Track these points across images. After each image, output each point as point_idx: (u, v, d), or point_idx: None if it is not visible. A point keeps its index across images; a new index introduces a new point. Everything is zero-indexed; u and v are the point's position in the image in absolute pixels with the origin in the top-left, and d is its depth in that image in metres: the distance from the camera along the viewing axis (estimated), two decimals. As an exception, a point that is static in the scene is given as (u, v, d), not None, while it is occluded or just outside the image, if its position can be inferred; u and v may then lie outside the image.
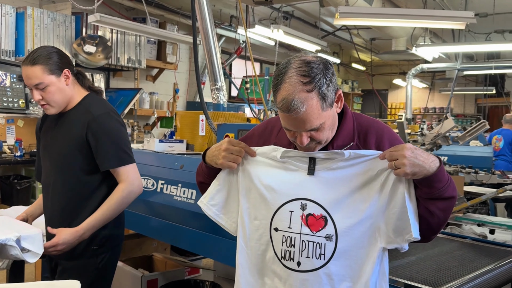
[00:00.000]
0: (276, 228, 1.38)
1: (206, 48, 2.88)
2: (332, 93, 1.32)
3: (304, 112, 1.27)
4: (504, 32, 8.50)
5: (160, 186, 2.49)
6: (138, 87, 5.69)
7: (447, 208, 1.32)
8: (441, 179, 1.28)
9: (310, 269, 1.34)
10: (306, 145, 1.34)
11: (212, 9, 6.57)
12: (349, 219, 1.33)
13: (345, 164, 1.36)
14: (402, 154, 1.25)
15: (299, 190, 1.38)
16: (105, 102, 2.08)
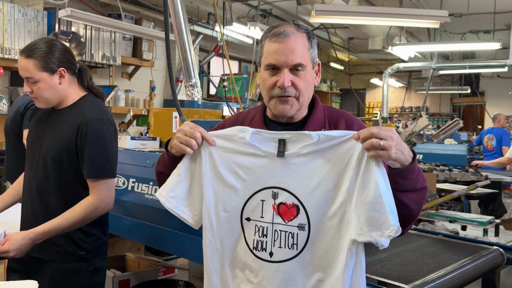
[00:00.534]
0: (248, 218, 1.34)
1: (179, 45, 2.84)
2: (316, 55, 1.40)
3: (294, 39, 1.33)
4: (479, 32, 8.65)
5: (131, 184, 2.43)
6: (113, 85, 5.60)
7: (420, 199, 1.31)
8: (414, 170, 1.26)
9: (282, 260, 1.30)
10: (286, 91, 1.32)
11: (189, 6, 6.56)
12: (321, 207, 1.28)
13: (316, 149, 1.29)
14: (390, 136, 1.19)
15: (269, 178, 1.33)
16: (102, 106, 2.00)
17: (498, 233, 2.64)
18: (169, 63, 2.60)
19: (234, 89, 3.95)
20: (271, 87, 1.35)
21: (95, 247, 1.97)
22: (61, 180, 1.90)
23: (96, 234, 1.96)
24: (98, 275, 2.00)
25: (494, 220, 2.71)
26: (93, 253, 1.96)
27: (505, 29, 7.87)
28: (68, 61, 1.93)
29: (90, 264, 1.95)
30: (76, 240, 1.92)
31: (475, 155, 7.17)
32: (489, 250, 2.18)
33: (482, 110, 11.58)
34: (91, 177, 1.86)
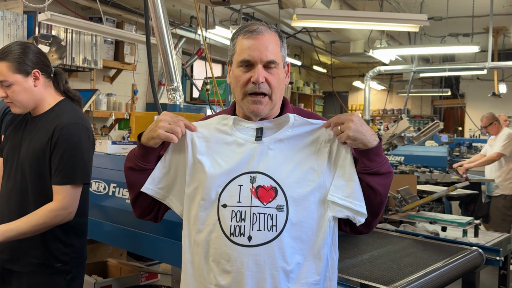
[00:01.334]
0: (225, 205, 1.33)
1: (161, 48, 2.82)
2: (286, 56, 1.44)
3: (267, 36, 1.36)
4: (458, 35, 8.81)
5: (112, 189, 2.41)
6: (94, 88, 5.54)
7: (386, 183, 1.36)
8: (380, 154, 1.35)
9: (262, 243, 1.29)
10: (259, 88, 1.34)
11: (171, 10, 6.53)
12: (299, 188, 1.32)
13: (292, 134, 1.37)
14: (349, 118, 1.31)
15: (247, 164, 1.35)
16: (78, 112, 1.96)
17: (477, 234, 2.68)
18: (150, 67, 2.59)
19: (217, 92, 3.94)
20: (245, 83, 1.36)
21: (73, 259, 1.94)
22: (39, 187, 1.87)
23: (75, 245, 1.94)
24: (75, 283, 1.98)
25: (473, 221, 2.75)
26: (70, 265, 1.93)
27: (484, 32, 8.02)
28: (42, 63, 1.90)
29: (67, 274, 1.93)
30: (53, 252, 1.89)
31: (456, 157, 7.27)
32: (469, 251, 2.21)
33: (463, 112, 11.77)
34: (57, 183, 1.82)
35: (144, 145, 1.39)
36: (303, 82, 11.65)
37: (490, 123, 5.33)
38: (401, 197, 2.84)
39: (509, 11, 7.18)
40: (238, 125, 1.40)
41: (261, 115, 1.39)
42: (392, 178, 1.39)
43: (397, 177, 3.41)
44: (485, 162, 5.22)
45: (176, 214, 2.09)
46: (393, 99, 12.97)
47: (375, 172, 1.34)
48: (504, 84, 9.82)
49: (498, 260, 2.26)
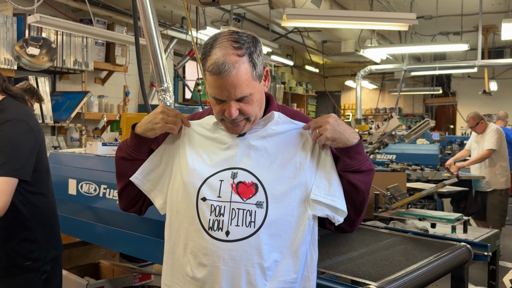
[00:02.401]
0: (204, 198, 1.33)
1: (150, 49, 2.83)
2: (261, 66, 1.36)
3: (235, 74, 1.27)
4: (449, 33, 8.87)
5: (103, 191, 2.41)
6: (85, 90, 5.53)
7: (367, 180, 1.38)
8: (360, 152, 1.36)
9: (239, 238, 1.29)
10: (234, 119, 1.32)
11: (162, 11, 6.53)
12: (280, 186, 1.33)
13: (275, 131, 1.39)
14: (326, 120, 1.33)
15: (229, 160, 1.36)
16: (20, 107, 1.95)
17: (466, 230, 2.71)
18: (140, 68, 2.60)
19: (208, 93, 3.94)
20: (220, 113, 1.35)
21: (43, 255, 1.95)
22: None
23: (40, 240, 1.95)
24: (52, 282, 2.01)
25: (462, 217, 2.77)
26: (40, 261, 1.94)
27: (473, 31, 8.09)
28: None
29: (42, 272, 1.95)
30: (20, 251, 1.90)
31: (447, 155, 7.32)
32: (457, 246, 2.24)
33: (454, 110, 11.86)
34: None
35: (139, 135, 1.41)
36: (295, 82, 11.68)
37: (477, 123, 5.37)
38: (391, 194, 2.86)
39: (498, 9, 7.25)
40: (221, 126, 1.41)
41: (241, 134, 1.39)
42: (373, 176, 1.41)
43: (388, 175, 3.44)
44: (478, 160, 5.26)
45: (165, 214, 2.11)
46: (385, 98, 13.04)
47: (356, 170, 1.36)
48: (495, 82, 9.92)
49: (486, 255, 2.28)
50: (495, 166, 5.22)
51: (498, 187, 5.21)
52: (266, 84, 1.43)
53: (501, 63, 8.54)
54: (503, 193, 5.23)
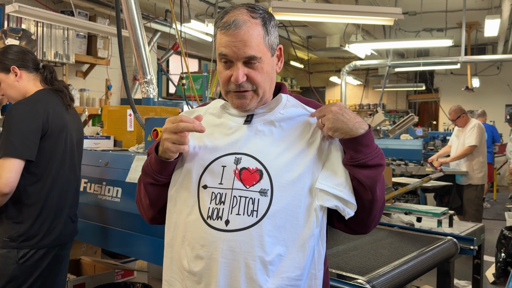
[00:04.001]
0: (205, 186, 1.24)
1: (133, 41, 2.77)
2: (275, 39, 1.28)
3: (246, 30, 1.21)
4: (432, 30, 8.93)
5: (84, 185, 2.35)
6: (66, 84, 5.42)
7: (374, 176, 1.22)
8: (367, 145, 1.21)
9: (239, 228, 1.18)
10: (241, 86, 1.23)
11: (146, 3, 6.43)
12: (286, 173, 1.21)
13: (284, 116, 1.29)
14: (329, 109, 1.21)
15: (233, 145, 1.26)
16: (38, 96, 2.08)
17: (451, 224, 2.71)
18: (122, 59, 2.53)
19: (192, 87, 3.89)
20: (226, 81, 1.26)
21: (20, 236, 1.99)
22: None
23: (23, 222, 2.00)
24: (28, 266, 2.00)
25: (447, 211, 2.78)
26: (18, 242, 1.99)
27: (457, 27, 8.15)
28: (21, 60, 2.11)
29: (18, 252, 1.98)
30: (4, 225, 2.01)
31: (430, 151, 7.38)
32: (443, 240, 2.23)
33: (437, 106, 11.97)
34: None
35: (161, 159, 1.27)
36: (280, 78, 11.65)
37: (458, 116, 5.41)
38: (377, 189, 2.85)
39: (481, 6, 7.31)
40: (227, 110, 1.33)
41: (247, 109, 1.28)
42: (381, 171, 1.25)
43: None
44: (460, 156, 5.29)
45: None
46: (369, 94, 13.10)
47: (361, 164, 1.21)
48: (477, 78, 10.03)
49: (472, 249, 2.29)
50: (473, 161, 5.26)
51: (474, 182, 5.26)
52: (279, 64, 1.34)
53: (485, 59, 8.63)
54: (478, 189, 5.29)
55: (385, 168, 1.32)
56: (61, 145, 2.09)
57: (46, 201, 2.05)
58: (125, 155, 2.27)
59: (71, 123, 2.17)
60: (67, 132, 2.12)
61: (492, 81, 10.81)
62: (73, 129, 2.18)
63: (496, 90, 10.84)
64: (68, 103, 2.18)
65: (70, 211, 2.16)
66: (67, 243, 2.18)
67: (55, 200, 2.08)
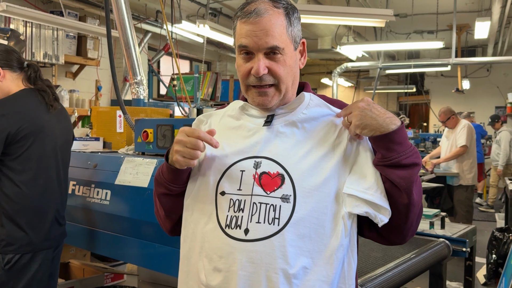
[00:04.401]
0: (223, 192, 1.15)
1: (123, 41, 2.73)
2: (298, 32, 1.20)
3: (268, 18, 1.13)
4: (423, 32, 8.97)
5: (72, 187, 2.30)
6: (56, 84, 5.36)
7: (409, 176, 1.09)
8: (401, 142, 1.10)
9: (260, 238, 1.08)
10: (262, 80, 1.14)
11: (136, 4, 6.38)
12: (310, 177, 1.11)
13: (307, 116, 1.19)
14: (356, 105, 1.12)
15: (253, 147, 1.17)
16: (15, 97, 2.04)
17: (444, 226, 2.70)
18: (111, 59, 2.49)
19: (183, 89, 3.85)
20: (246, 75, 1.17)
21: (2, 241, 1.96)
22: None
23: (7, 227, 1.97)
24: (15, 271, 1.96)
25: (440, 213, 2.77)
26: (2, 247, 1.95)
27: (447, 29, 8.19)
28: (4, 59, 2.07)
29: (3, 258, 1.95)
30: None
31: (421, 152, 7.41)
32: (436, 243, 2.23)
33: (427, 108, 12.02)
34: None
35: (173, 168, 1.18)
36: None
37: (448, 117, 5.43)
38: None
39: (471, 8, 7.36)
40: (247, 111, 1.25)
41: (269, 106, 1.19)
42: (418, 170, 1.13)
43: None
44: (452, 157, 5.31)
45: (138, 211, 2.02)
46: (360, 95, 13.13)
47: (394, 164, 1.09)
48: (467, 80, 10.09)
49: (464, 251, 2.28)
50: (463, 162, 5.28)
51: (465, 183, 5.28)
52: (302, 60, 1.24)
53: (475, 61, 8.71)
54: (468, 190, 5.31)
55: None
56: (39, 146, 2.02)
57: (26, 205, 1.99)
58: (114, 157, 2.24)
59: (52, 124, 2.10)
60: (46, 134, 2.05)
61: (482, 83, 10.89)
62: (55, 130, 2.12)
63: (486, 92, 10.91)
64: (51, 103, 2.11)
65: (56, 214, 2.10)
66: (55, 247, 2.13)
67: (37, 203, 2.02)
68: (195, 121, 1.32)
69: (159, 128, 2.22)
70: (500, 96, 10.71)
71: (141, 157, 2.11)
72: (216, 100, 4.34)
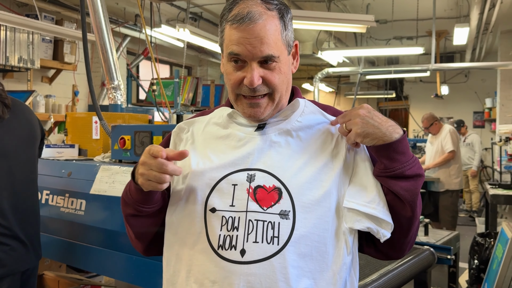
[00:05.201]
0: (213, 209, 1.04)
1: (99, 44, 2.64)
2: (292, 34, 1.11)
3: (262, 24, 1.03)
4: (402, 38, 9.04)
5: (45, 197, 2.21)
6: (31, 89, 5.21)
7: (413, 188, 1.03)
8: (404, 152, 1.03)
9: (258, 259, 0.98)
10: (255, 91, 1.05)
11: (115, 7, 6.27)
12: (309, 191, 1.03)
13: (302, 124, 1.11)
14: (356, 112, 1.04)
15: (245, 159, 1.07)
16: None
17: (427, 232, 2.68)
18: (87, 63, 2.41)
19: (163, 94, 3.77)
20: (237, 84, 1.07)
21: None
22: None
23: None
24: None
25: (423, 219, 2.75)
26: None
27: (426, 36, 8.28)
28: None
29: None
30: None
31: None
32: (421, 251, 2.19)
33: (407, 113, 12.13)
34: None
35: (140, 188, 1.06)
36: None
37: (431, 123, 5.46)
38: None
39: (450, 15, 7.44)
40: (235, 119, 1.15)
41: (261, 118, 1.10)
42: (422, 182, 1.07)
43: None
44: (441, 162, 5.33)
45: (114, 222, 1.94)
46: (341, 101, 13.19)
47: (398, 174, 1.02)
48: (446, 86, 10.21)
49: (449, 258, 2.25)
50: (450, 167, 5.31)
51: (451, 188, 5.31)
52: (295, 64, 1.15)
53: (454, 67, 8.81)
54: (454, 195, 5.34)
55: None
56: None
57: None
58: (89, 164, 2.15)
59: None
60: None
61: (460, 89, 11.03)
62: (5, 139, 1.88)
63: (464, 97, 11.06)
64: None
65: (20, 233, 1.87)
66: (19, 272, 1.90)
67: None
68: (175, 129, 1.22)
69: (137, 134, 2.15)
70: (478, 102, 10.86)
71: (118, 165, 2.03)
72: (197, 105, 4.27)
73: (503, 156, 5.72)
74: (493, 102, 9.58)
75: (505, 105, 8.15)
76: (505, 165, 5.58)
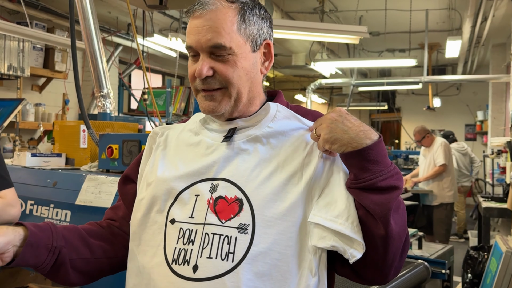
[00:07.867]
0: (173, 220, 0.99)
1: (89, 52, 2.60)
2: (258, 31, 1.03)
3: (213, 12, 0.97)
4: (395, 50, 9.09)
5: (30, 207, 2.13)
6: (20, 98, 5.14)
7: (387, 202, 0.90)
8: (378, 161, 0.91)
9: (210, 276, 0.91)
10: (206, 82, 0.99)
11: (107, 16, 6.24)
12: (273, 203, 0.94)
13: (273, 130, 1.02)
14: (325, 117, 0.96)
15: (210, 168, 1.01)
16: None
17: (421, 246, 2.64)
18: (75, 70, 2.36)
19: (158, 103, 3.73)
20: (192, 78, 1.02)
21: None
22: None
23: None
24: None
25: (417, 233, 2.71)
26: None
27: (419, 48, 8.32)
28: None
29: None
30: None
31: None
32: (415, 265, 2.14)
33: (399, 125, 12.17)
34: None
35: None
36: (245, 95, 11.57)
37: (423, 136, 5.45)
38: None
39: (442, 28, 7.49)
40: (208, 124, 1.10)
41: (218, 113, 1.02)
42: (398, 195, 0.94)
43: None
44: (432, 176, 5.31)
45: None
46: (333, 112, 13.21)
47: (368, 186, 0.91)
48: (438, 98, 10.26)
49: (443, 273, 2.21)
50: (443, 180, 5.29)
51: (445, 201, 5.28)
52: (266, 65, 1.07)
53: (446, 80, 8.86)
54: (448, 208, 5.32)
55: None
56: None
57: None
58: (75, 174, 2.09)
59: None
60: None
61: (452, 102, 11.09)
62: None
63: (456, 110, 11.12)
64: None
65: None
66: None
67: None
68: (151, 133, 1.18)
69: (125, 143, 2.09)
70: (470, 114, 10.92)
71: (104, 175, 1.97)
72: (189, 115, 4.23)
73: (495, 169, 5.72)
74: (485, 115, 9.63)
75: (497, 118, 8.19)
76: (497, 178, 5.58)
